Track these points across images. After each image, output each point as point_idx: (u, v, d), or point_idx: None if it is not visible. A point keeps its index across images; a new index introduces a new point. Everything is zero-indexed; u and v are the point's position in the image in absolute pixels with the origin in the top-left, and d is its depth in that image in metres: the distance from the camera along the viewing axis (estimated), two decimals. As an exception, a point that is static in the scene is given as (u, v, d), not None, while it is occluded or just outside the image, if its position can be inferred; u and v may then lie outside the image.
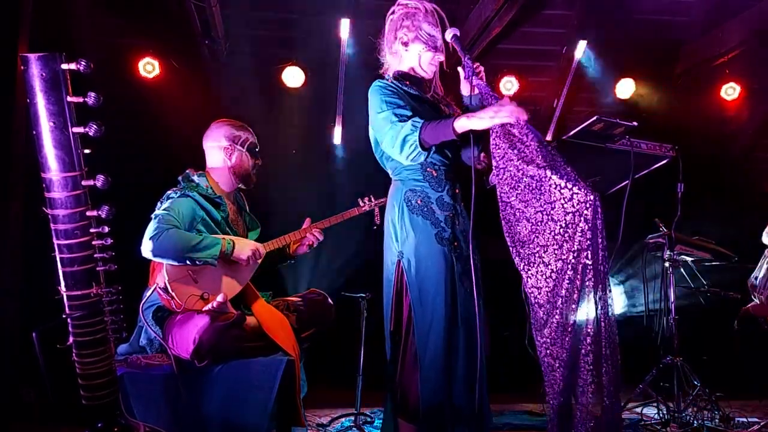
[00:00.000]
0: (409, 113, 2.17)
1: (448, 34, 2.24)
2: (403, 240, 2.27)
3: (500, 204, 2.28)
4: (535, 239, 2.19)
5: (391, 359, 2.41)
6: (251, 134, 2.82)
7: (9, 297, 3.72)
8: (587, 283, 2.08)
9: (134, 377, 2.37)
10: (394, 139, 2.15)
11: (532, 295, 2.19)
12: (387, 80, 2.31)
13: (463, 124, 2.07)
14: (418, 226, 2.23)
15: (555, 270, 2.13)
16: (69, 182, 1.35)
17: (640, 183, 2.75)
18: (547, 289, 2.15)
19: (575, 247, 2.09)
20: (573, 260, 2.09)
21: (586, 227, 2.09)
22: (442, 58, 2.33)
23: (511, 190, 2.25)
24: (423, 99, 2.30)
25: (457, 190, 2.29)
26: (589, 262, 2.08)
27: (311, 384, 2.79)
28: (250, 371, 2.45)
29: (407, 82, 2.32)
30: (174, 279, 2.47)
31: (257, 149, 2.83)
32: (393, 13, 2.42)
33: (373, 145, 2.39)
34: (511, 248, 2.26)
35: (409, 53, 2.34)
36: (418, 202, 2.25)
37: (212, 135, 2.78)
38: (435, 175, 2.27)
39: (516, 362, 3.20)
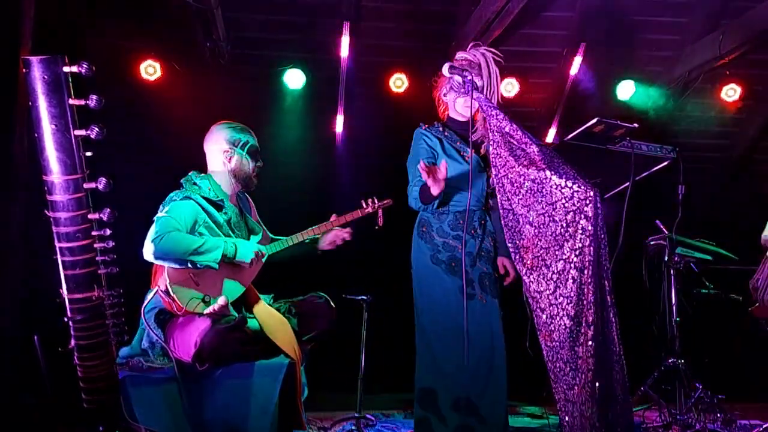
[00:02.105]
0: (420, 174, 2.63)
1: (444, 69, 2.58)
2: (413, 257, 2.79)
3: (502, 212, 2.30)
4: (538, 243, 2.19)
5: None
6: (252, 137, 2.81)
7: (10, 300, 3.72)
8: (591, 281, 2.08)
9: (136, 380, 2.37)
10: (408, 194, 2.75)
11: (534, 299, 2.19)
12: (422, 128, 2.83)
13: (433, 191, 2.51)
14: (419, 248, 2.74)
15: (557, 271, 2.13)
16: (70, 185, 1.35)
17: (641, 185, 2.75)
18: (548, 291, 2.15)
19: (577, 245, 2.09)
20: (576, 259, 2.09)
21: (588, 224, 2.09)
22: (471, 102, 2.62)
23: (512, 197, 2.26)
24: (455, 140, 2.78)
25: (460, 222, 2.69)
26: (592, 259, 2.08)
27: (312, 387, 2.79)
28: (252, 374, 2.45)
29: (447, 127, 2.83)
30: (176, 282, 2.47)
31: (258, 152, 2.82)
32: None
33: None
34: (513, 254, 2.28)
35: (449, 101, 2.84)
36: (423, 229, 2.76)
37: (212, 138, 2.78)
38: (438, 209, 2.72)
39: (516, 366, 3.20)
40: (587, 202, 2.10)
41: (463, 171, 2.67)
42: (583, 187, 2.12)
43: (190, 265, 2.48)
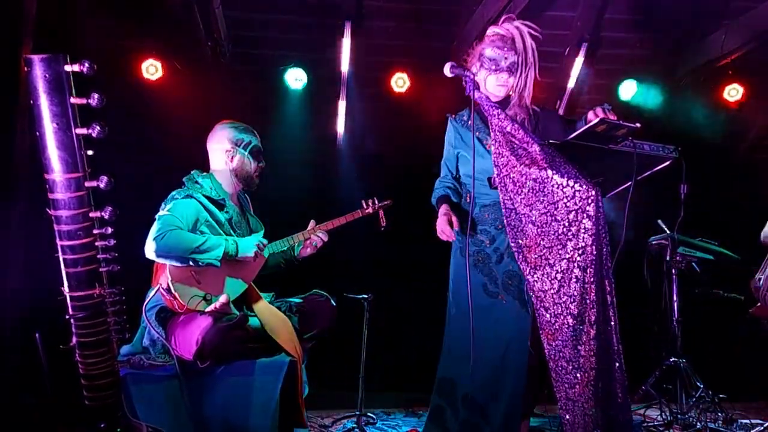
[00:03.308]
0: (445, 172, 2.78)
1: (446, 69, 2.48)
2: (453, 247, 2.72)
3: (504, 211, 2.30)
4: (541, 242, 2.19)
5: None
6: (255, 137, 2.82)
7: (11, 298, 3.73)
8: (593, 280, 2.08)
9: (137, 378, 2.38)
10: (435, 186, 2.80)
11: (538, 298, 2.20)
12: (451, 117, 2.77)
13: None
14: (455, 240, 2.65)
15: (560, 270, 2.13)
16: (72, 183, 1.36)
17: (643, 184, 2.75)
18: (552, 291, 2.15)
19: (580, 244, 2.09)
20: (579, 258, 2.09)
21: (590, 224, 2.09)
22: (507, 78, 2.58)
23: (515, 196, 2.26)
24: (481, 129, 2.62)
25: (486, 215, 2.60)
26: (595, 258, 2.08)
27: (313, 385, 2.79)
28: (253, 372, 2.45)
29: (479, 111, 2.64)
30: (177, 280, 2.48)
31: (261, 152, 2.82)
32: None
33: None
34: (516, 254, 2.28)
35: (480, 80, 2.59)
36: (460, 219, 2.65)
37: (215, 137, 2.79)
38: (467, 201, 2.68)
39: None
40: (589, 201, 2.11)
41: (484, 163, 2.52)
42: (584, 187, 2.12)
43: (191, 263, 2.48)
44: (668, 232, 3.60)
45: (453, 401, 2.58)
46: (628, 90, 4.97)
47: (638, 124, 2.42)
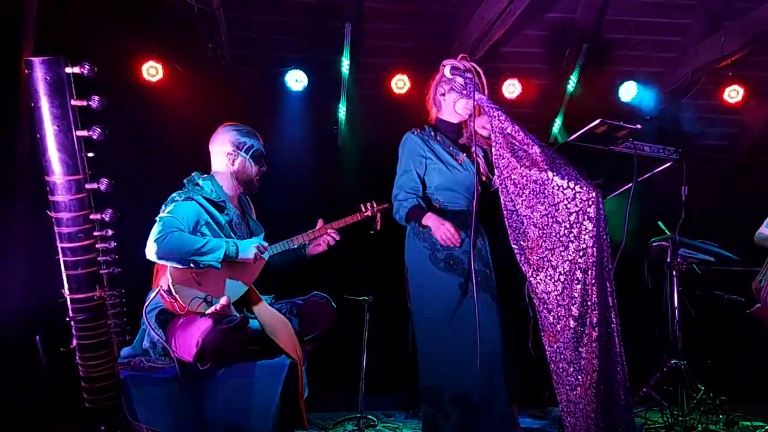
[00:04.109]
0: (412, 184, 2.76)
1: (446, 69, 2.70)
2: (408, 257, 2.80)
3: (505, 212, 2.30)
4: (543, 244, 2.19)
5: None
6: (257, 141, 2.80)
7: (11, 300, 3.73)
8: (595, 282, 2.08)
9: (137, 380, 2.37)
10: (394, 199, 2.79)
11: (541, 300, 2.19)
12: (414, 132, 2.84)
13: (426, 221, 2.64)
14: (415, 246, 2.74)
15: (563, 272, 2.13)
16: (72, 185, 1.35)
17: (644, 186, 2.75)
18: (556, 292, 2.15)
19: (582, 246, 2.09)
20: (581, 260, 2.09)
21: (591, 225, 2.09)
22: (474, 103, 2.66)
23: (516, 198, 2.26)
24: (447, 144, 2.81)
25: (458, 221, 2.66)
26: (596, 260, 2.08)
27: (314, 387, 2.79)
28: (253, 374, 2.45)
29: (437, 129, 2.86)
30: (177, 282, 2.48)
31: (263, 156, 2.81)
32: (437, 72, 2.86)
33: None
34: (518, 255, 2.28)
35: (447, 102, 2.82)
36: (420, 228, 2.72)
37: (218, 139, 2.78)
38: (437, 208, 2.75)
39: (517, 367, 3.21)
40: (590, 203, 2.10)
41: (458, 175, 2.75)
42: (585, 188, 2.12)
43: (192, 265, 2.48)
44: (669, 233, 3.60)
45: (441, 407, 2.60)
46: (628, 91, 4.97)
47: (639, 126, 2.42)
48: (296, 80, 4.69)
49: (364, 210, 3.01)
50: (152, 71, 4.46)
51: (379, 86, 4.80)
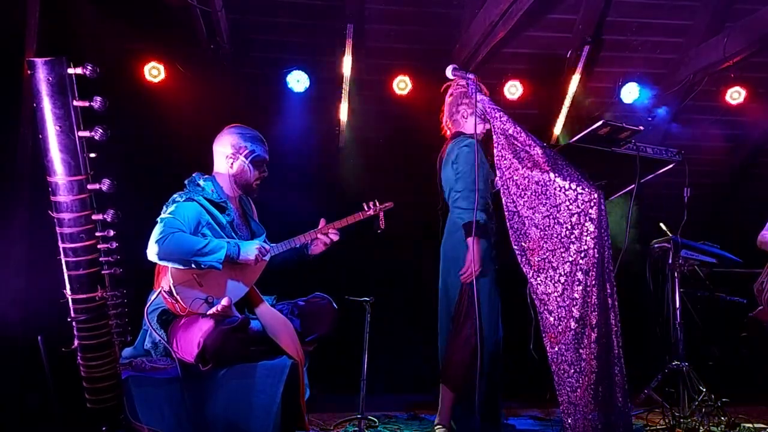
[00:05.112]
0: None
1: (448, 71, 2.75)
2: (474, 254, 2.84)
3: (507, 213, 2.30)
4: (544, 245, 2.19)
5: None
6: (260, 146, 2.78)
7: (13, 300, 3.73)
8: (595, 283, 2.08)
9: (139, 380, 2.37)
10: (465, 204, 2.86)
11: (542, 301, 2.19)
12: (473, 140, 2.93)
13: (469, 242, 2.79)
14: (481, 245, 2.82)
15: (564, 273, 2.13)
16: (75, 186, 1.36)
17: (646, 187, 2.74)
18: (556, 294, 2.15)
19: (583, 247, 2.09)
20: (582, 262, 2.09)
21: (592, 227, 2.09)
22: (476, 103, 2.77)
23: (518, 199, 2.26)
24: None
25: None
26: (597, 262, 2.08)
27: (315, 388, 2.79)
28: (254, 375, 2.45)
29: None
30: (179, 282, 2.48)
31: (264, 162, 2.79)
32: (454, 90, 3.05)
33: (445, 178, 3.05)
34: (519, 257, 2.28)
35: (468, 122, 2.99)
36: (485, 227, 2.86)
37: (221, 140, 2.78)
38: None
39: (517, 367, 3.20)
40: (591, 204, 2.10)
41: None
42: (587, 190, 2.12)
43: (193, 266, 2.48)
44: (671, 235, 3.59)
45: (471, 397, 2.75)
46: (630, 93, 4.97)
47: (641, 127, 2.42)
48: (298, 81, 4.69)
49: (366, 209, 3.00)
50: (154, 72, 4.46)
51: (381, 87, 4.80)
